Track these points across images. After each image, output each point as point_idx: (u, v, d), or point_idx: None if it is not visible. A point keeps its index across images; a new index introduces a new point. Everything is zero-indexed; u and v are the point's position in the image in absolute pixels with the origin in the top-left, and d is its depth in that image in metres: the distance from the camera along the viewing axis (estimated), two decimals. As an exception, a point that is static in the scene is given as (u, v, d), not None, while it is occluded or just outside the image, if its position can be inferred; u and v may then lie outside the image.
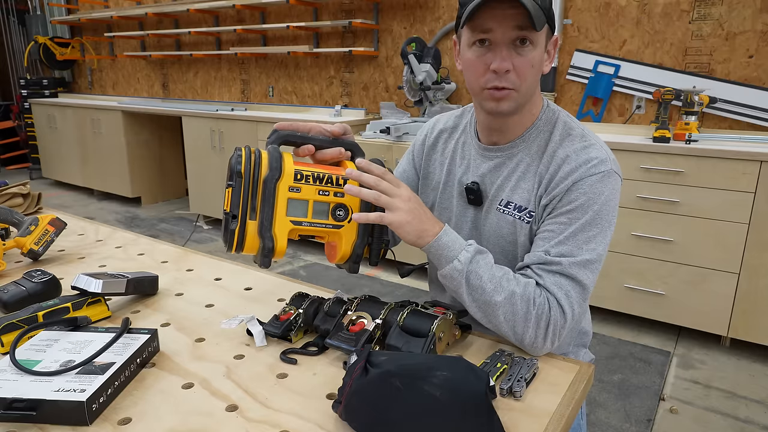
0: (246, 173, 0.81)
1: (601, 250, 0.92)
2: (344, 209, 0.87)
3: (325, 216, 0.87)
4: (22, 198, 1.68)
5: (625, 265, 2.67)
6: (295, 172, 0.84)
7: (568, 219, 0.92)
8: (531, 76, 0.94)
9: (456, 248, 0.88)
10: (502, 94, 0.94)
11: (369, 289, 3.20)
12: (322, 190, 0.86)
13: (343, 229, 0.88)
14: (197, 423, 0.70)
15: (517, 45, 0.91)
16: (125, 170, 5.09)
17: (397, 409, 0.64)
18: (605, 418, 2.04)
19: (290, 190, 0.84)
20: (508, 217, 1.01)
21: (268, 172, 0.82)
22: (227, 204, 0.83)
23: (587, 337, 1.14)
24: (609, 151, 0.98)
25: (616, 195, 0.95)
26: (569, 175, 0.94)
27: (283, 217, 0.84)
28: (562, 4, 3.13)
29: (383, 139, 3.37)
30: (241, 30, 4.43)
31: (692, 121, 2.67)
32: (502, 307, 0.87)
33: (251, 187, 0.82)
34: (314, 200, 0.85)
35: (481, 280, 0.87)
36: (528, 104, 0.99)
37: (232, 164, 0.83)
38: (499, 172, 1.04)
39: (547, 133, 1.01)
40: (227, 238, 0.84)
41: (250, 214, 0.83)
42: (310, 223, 0.86)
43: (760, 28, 2.68)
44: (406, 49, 3.38)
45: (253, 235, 0.83)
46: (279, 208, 0.84)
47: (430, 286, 1.24)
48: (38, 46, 5.97)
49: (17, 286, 1.01)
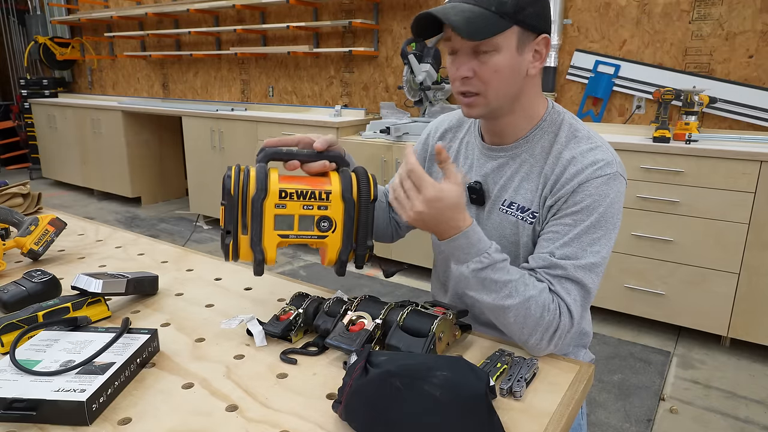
0: (235, 193, 0.91)
1: (605, 252, 0.93)
2: (328, 221, 0.94)
3: (310, 228, 0.94)
4: (22, 198, 1.68)
5: (625, 265, 2.67)
6: (280, 191, 0.92)
7: (573, 221, 0.92)
8: (496, 80, 0.93)
9: (472, 252, 0.87)
10: (470, 101, 0.97)
11: (369, 289, 3.20)
12: (306, 205, 0.93)
13: (328, 238, 0.95)
14: (197, 423, 0.70)
15: (479, 51, 0.92)
16: (125, 170, 5.09)
17: (397, 409, 0.64)
18: (605, 418, 2.04)
19: (276, 207, 0.92)
20: (511, 218, 1.01)
21: (254, 192, 0.91)
22: (222, 221, 0.93)
23: (587, 337, 1.14)
24: (615, 153, 0.98)
25: (621, 197, 0.96)
26: (575, 177, 0.94)
27: (271, 232, 0.93)
28: (562, 4, 3.13)
29: (383, 139, 3.37)
30: (241, 30, 4.43)
31: (692, 121, 2.67)
32: (514, 311, 0.87)
33: (240, 206, 0.91)
34: (299, 214, 0.93)
35: (495, 284, 0.87)
36: (516, 106, 0.99)
37: (224, 183, 0.92)
38: (502, 172, 1.04)
39: (552, 135, 1.01)
40: (224, 250, 0.94)
41: (242, 230, 0.92)
42: (296, 235, 0.94)
43: (760, 28, 2.68)
44: (406, 49, 3.38)
45: (246, 247, 0.93)
46: (267, 224, 0.92)
47: (432, 283, 1.24)
48: (38, 46, 5.97)
49: (17, 286, 1.01)
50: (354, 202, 0.94)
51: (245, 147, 4.09)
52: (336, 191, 0.94)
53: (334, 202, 0.94)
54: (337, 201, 0.94)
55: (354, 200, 0.94)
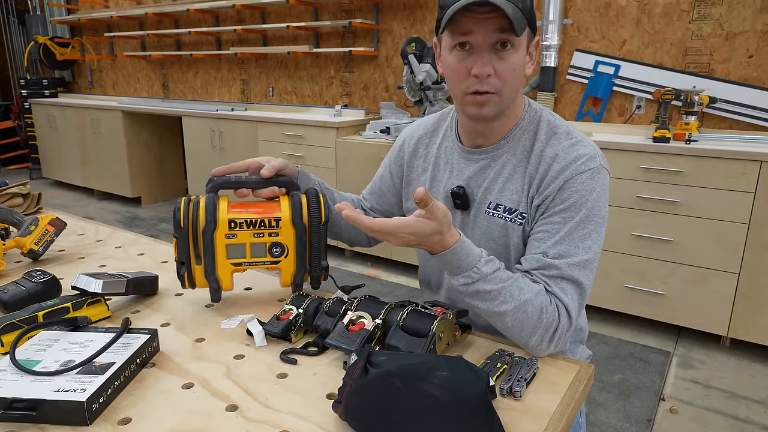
0: (185, 225, 0.93)
1: (596, 247, 0.93)
2: (280, 246, 0.97)
3: (263, 254, 0.97)
4: (22, 198, 1.68)
5: (625, 265, 2.67)
6: (230, 221, 0.94)
7: (562, 218, 0.92)
8: (513, 79, 0.93)
9: (462, 267, 0.86)
10: (484, 99, 0.93)
11: (369, 289, 3.20)
12: (257, 233, 0.96)
13: (281, 263, 0.98)
14: (197, 423, 0.70)
15: (498, 49, 0.90)
16: (125, 170, 5.09)
17: (397, 409, 0.64)
18: (605, 418, 2.04)
19: (227, 236, 0.94)
20: (499, 220, 1.01)
21: (204, 224, 0.93)
22: (175, 252, 0.95)
23: (583, 333, 1.15)
24: (596, 146, 0.98)
25: (606, 190, 0.96)
26: (560, 174, 0.94)
27: (224, 261, 0.96)
28: (562, 4, 3.13)
29: (383, 139, 3.37)
30: (241, 30, 4.43)
31: (692, 121, 2.67)
32: (510, 315, 0.87)
33: (191, 237, 0.93)
34: (251, 242, 0.96)
35: (489, 294, 0.87)
36: (511, 107, 0.99)
37: (174, 216, 0.94)
38: (484, 175, 1.03)
39: (532, 133, 1.00)
40: (180, 280, 0.97)
41: (196, 260, 0.95)
42: (249, 262, 0.97)
43: (760, 28, 2.68)
44: (406, 49, 3.38)
45: (202, 276, 0.96)
46: (219, 254, 0.95)
47: (420, 285, 1.24)
48: (38, 46, 5.97)
49: (17, 286, 1.01)
50: (305, 226, 0.97)
51: (245, 147, 4.09)
52: (286, 217, 0.96)
53: (284, 227, 0.96)
54: (287, 226, 0.96)
55: (305, 224, 0.97)
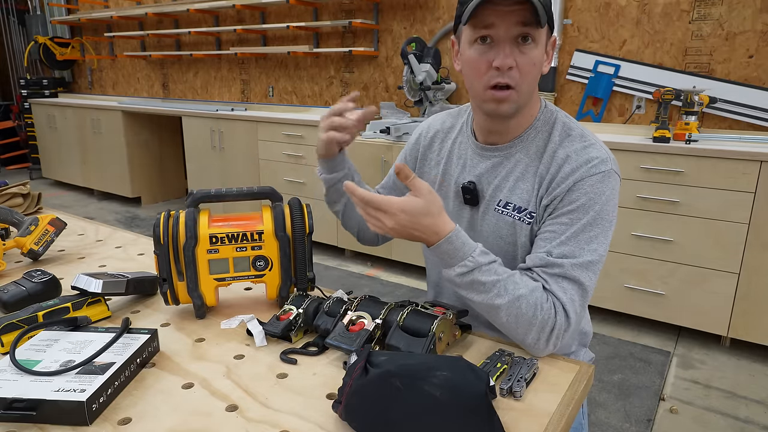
0: (165, 242, 0.91)
1: (602, 250, 0.93)
2: (264, 260, 0.95)
3: (246, 268, 0.95)
4: (22, 198, 1.68)
5: (625, 265, 2.67)
6: (210, 236, 0.92)
7: (570, 219, 0.92)
8: (532, 74, 0.94)
9: (458, 257, 0.86)
10: (503, 95, 0.93)
11: (369, 289, 3.20)
12: (240, 247, 0.94)
13: (266, 276, 0.96)
14: (197, 423, 0.70)
15: (519, 42, 0.91)
16: (125, 170, 5.09)
17: (397, 409, 0.64)
18: (605, 418, 2.04)
19: (209, 252, 0.92)
20: (507, 218, 1.01)
21: (185, 240, 0.91)
22: (156, 269, 0.93)
23: (587, 337, 1.15)
24: (608, 150, 0.98)
25: (616, 195, 0.96)
26: (570, 175, 0.94)
27: (207, 276, 0.94)
28: (562, 4, 3.13)
29: (383, 139, 3.37)
30: (241, 30, 4.43)
31: (692, 121, 2.67)
32: (505, 309, 0.87)
33: (172, 254, 0.92)
34: (233, 257, 0.94)
35: (483, 285, 0.87)
36: (527, 106, 0.99)
37: (154, 232, 0.92)
38: (496, 172, 1.03)
39: (546, 134, 1.01)
40: (163, 297, 0.95)
41: (178, 276, 0.93)
42: (233, 277, 0.95)
43: (760, 28, 2.68)
44: (406, 49, 3.38)
45: (185, 292, 0.94)
46: (201, 270, 0.93)
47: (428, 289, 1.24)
48: (38, 46, 5.97)
49: (17, 286, 1.01)
50: (288, 237, 0.95)
51: (245, 147, 4.09)
52: (268, 229, 0.94)
53: (267, 240, 0.94)
54: (270, 239, 0.94)
55: (288, 236, 0.95)
